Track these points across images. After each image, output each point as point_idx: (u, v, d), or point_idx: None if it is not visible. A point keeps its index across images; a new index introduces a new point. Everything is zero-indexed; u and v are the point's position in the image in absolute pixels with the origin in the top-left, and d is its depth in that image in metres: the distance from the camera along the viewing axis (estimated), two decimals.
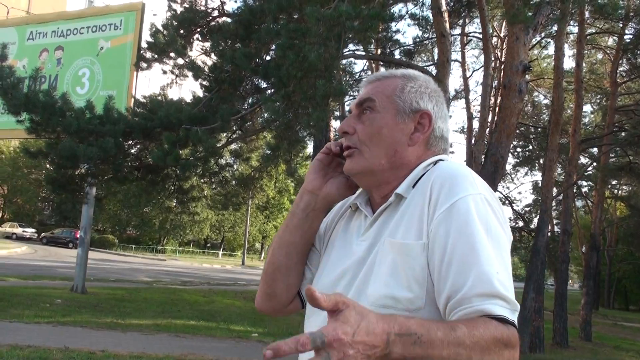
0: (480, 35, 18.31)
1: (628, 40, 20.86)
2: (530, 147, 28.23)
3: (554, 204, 20.51)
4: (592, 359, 14.68)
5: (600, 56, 26.55)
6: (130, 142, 9.85)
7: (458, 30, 20.56)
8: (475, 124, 20.64)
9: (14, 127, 11.30)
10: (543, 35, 20.30)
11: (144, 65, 11.29)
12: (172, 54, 10.78)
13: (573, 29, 19.85)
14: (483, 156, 10.34)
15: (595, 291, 27.19)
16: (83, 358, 7.04)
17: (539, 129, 25.86)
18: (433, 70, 14.47)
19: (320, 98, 7.90)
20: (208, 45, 11.54)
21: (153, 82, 19.72)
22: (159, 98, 11.22)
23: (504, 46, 18.84)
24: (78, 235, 18.35)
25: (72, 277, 15.83)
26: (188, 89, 12.07)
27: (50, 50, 15.67)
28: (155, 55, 10.99)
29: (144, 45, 12.08)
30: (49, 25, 16.00)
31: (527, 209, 31.05)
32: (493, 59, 17.73)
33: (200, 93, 10.55)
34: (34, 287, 15.14)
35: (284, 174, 39.89)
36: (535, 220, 24.49)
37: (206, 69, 10.24)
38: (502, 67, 14.54)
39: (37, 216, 51.10)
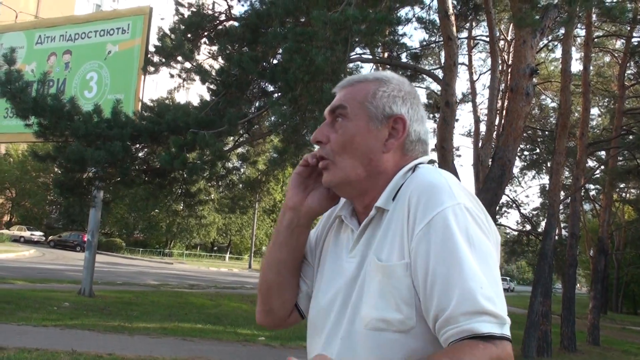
0: (487, 39, 18.29)
1: (636, 43, 20.82)
2: (537, 150, 28.16)
3: (561, 207, 20.47)
4: None
5: (607, 59, 26.46)
6: (137, 146, 9.87)
7: (465, 34, 20.55)
8: (482, 127, 20.62)
9: (22, 131, 11.34)
10: (550, 38, 20.26)
11: (152, 69, 11.32)
12: (180, 58, 10.81)
13: (580, 32, 19.81)
14: (490, 159, 10.33)
15: (603, 295, 27.06)
16: None
17: (547, 132, 25.80)
18: (440, 73, 14.46)
19: (327, 101, 7.84)
20: (215, 49, 11.57)
21: (160, 86, 19.80)
22: (167, 102, 11.27)
23: (511, 49, 18.81)
24: (85, 239, 18.40)
25: (80, 281, 15.87)
26: (195, 93, 12.11)
27: (59, 54, 15.74)
28: (163, 59, 11.02)
29: (151, 49, 12.12)
30: (57, 29, 16.07)
31: (535, 213, 30.98)
32: (500, 62, 17.71)
33: (207, 97, 10.58)
34: (41, 290, 15.19)
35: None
36: (542, 223, 24.36)
37: (213, 73, 10.26)
38: (509, 70, 14.51)
39: (45, 219, 51.29)
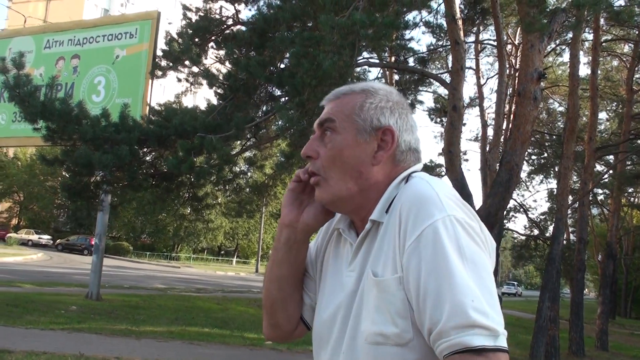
0: (495, 43, 18.28)
1: None
2: (545, 155, 28.10)
3: (569, 212, 20.37)
4: None
5: (616, 63, 26.39)
6: (145, 150, 9.90)
7: (472, 38, 20.53)
8: (490, 132, 20.59)
9: (31, 135, 11.42)
10: (558, 42, 20.23)
11: (159, 73, 11.36)
12: (187, 62, 10.84)
13: (588, 36, 19.76)
14: (498, 164, 10.30)
15: (611, 300, 26.95)
16: None
17: (554, 137, 25.72)
18: (447, 77, 14.44)
19: None
20: (223, 53, 11.59)
21: (168, 90, 19.87)
22: (174, 106, 11.30)
23: (519, 53, 18.79)
24: (93, 242, 18.46)
25: (87, 284, 15.91)
26: (202, 97, 12.14)
27: (67, 59, 15.82)
28: (170, 64, 11.05)
29: (159, 53, 12.16)
30: (65, 33, 16.16)
31: (542, 217, 30.90)
32: (507, 66, 17.67)
33: (214, 101, 10.60)
34: (49, 294, 15.24)
35: None
36: (550, 228, 24.30)
37: (221, 77, 10.28)
38: (517, 75, 14.47)
39: (53, 223, 51.52)
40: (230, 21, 12.05)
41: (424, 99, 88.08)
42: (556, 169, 24.52)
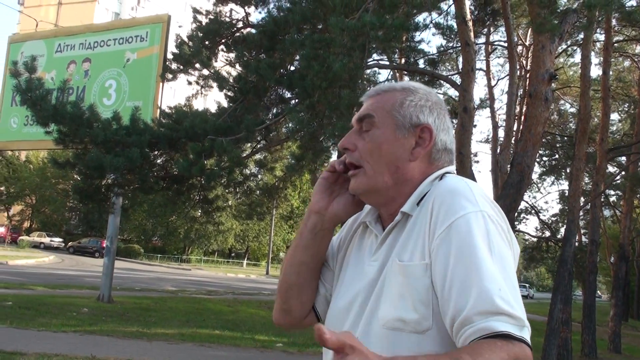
0: (505, 44, 18.20)
1: None
2: (556, 156, 27.97)
3: (581, 213, 20.25)
4: None
5: (627, 64, 26.19)
6: (156, 153, 9.93)
7: (482, 39, 20.45)
8: (501, 133, 20.51)
9: (43, 138, 11.46)
10: (569, 43, 20.11)
11: (170, 76, 11.41)
12: (198, 65, 10.87)
13: (600, 37, 19.63)
14: (509, 165, 10.25)
15: (624, 302, 26.69)
16: None
17: (566, 138, 25.60)
18: (457, 79, 14.40)
19: (345, 108, 7.91)
20: (233, 56, 11.63)
21: (178, 93, 19.92)
22: (185, 109, 11.33)
23: (530, 54, 18.69)
24: (104, 245, 18.52)
25: (99, 286, 15.98)
26: (213, 100, 12.18)
27: (78, 62, 15.90)
28: (181, 67, 11.09)
29: (169, 56, 12.22)
30: (76, 37, 16.25)
31: (554, 219, 30.78)
32: (518, 67, 17.59)
33: (225, 103, 10.63)
34: (61, 296, 15.31)
35: (308, 184, 40.00)
36: (562, 230, 24.20)
37: (231, 80, 10.31)
38: (528, 76, 14.41)
39: (65, 226, 51.82)
40: (240, 24, 12.09)
41: None
42: (568, 171, 24.38)
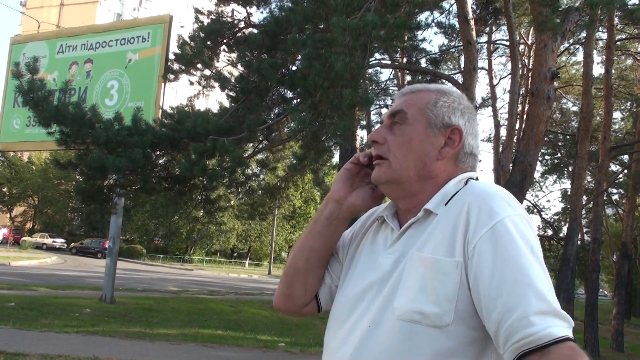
0: (507, 43, 18.19)
1: None
2: (559, 155, 27.94)
3: (583, 212, 20.25)
4: None
5: (630, 62, 26.15)
6: (158, 153, 9.94)
7: (484, 38, 20.45)
8: (503, 132, 20.52)
9: (45, 139, 11.48)
10: (571, 41, 20.09)
11: (172, 76, 11.41)
12: (199, 65, 10.88)
13: (602, 35, 19.62)
14: (511, 164, 10.24)
15: (627, 300, 26.67)
16: None
17: (568, 136, 25.58)
18: (459, 78, 14.39)
19: (347, 107, 7.91)
20: (234, 56, 11.63)
21: (180, 93, 19.94)
22: (186, 109, 11.32)
23: (532, 53, 18.69)
24: (107, 246, 18.53)
25: (101, 287, 15.98)
26: (215, 100, 12.18)
27: (80, 63, 15.92)
28: (183, 67, 11.10)
29: (171, 57, 12.21)
30: (78, 38, 16.27)
31: (556, 217, 30.74)
32: (520, 66, 17.58)
33: (227, 104, 10.62)
34: (63, 297, 15.31)
35: (310, 184, 40.01)
36: (564, 228, 24.17)
37: (233, 80, 10.30)
38: (530, 75, 14.40)
39: (67, 226, 51.87)
40: (242, 24, 12.09)
41: None
42: (570, 169, 24.37)
